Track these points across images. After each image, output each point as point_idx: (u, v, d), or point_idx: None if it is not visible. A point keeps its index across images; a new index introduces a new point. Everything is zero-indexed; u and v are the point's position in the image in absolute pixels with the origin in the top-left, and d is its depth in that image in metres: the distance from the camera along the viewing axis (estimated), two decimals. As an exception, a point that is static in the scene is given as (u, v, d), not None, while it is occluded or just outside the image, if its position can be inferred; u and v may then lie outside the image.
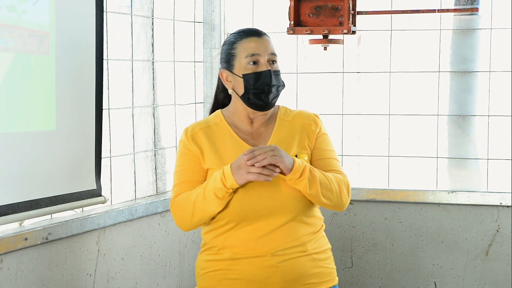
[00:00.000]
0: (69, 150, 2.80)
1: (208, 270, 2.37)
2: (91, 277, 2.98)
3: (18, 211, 2.59)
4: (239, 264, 2.31)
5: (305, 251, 2.32)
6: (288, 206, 2.30)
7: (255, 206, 2.28)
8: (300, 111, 2.46)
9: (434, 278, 3.61)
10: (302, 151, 2.36)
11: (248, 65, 2.34)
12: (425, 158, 3.66)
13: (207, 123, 2.42)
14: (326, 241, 2.43)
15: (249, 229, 2.30)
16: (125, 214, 3.13)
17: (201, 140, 2.37)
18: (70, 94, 2.79)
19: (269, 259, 2.29)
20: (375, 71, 3.72)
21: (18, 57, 2.55)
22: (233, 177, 2.21)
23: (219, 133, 2.39)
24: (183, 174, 2.37)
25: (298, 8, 3.46)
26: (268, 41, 2.37)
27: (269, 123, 2.41)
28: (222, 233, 2.33)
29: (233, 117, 2.41)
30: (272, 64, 2.36)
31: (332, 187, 2.30)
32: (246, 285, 2.31)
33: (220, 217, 2.32)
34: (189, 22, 3.75)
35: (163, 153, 3.56)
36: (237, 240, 2.31)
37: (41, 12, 2.62)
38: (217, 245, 2.35)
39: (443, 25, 3.60)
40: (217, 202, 2.26)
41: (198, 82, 3.82)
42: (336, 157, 2.42)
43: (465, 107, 3.64)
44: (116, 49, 3.21)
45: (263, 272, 2.29)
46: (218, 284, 2.34)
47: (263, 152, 2.18)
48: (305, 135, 2.39)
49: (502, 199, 3.49)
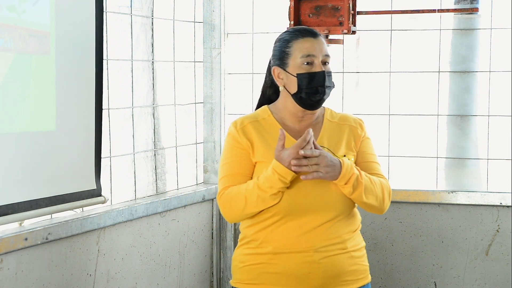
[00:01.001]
0: (69, 150, 2.80)
1: (248, 264, 2.40)
2: (91, 277, 2.98)
3: (18, 211, 2.59)
4: (280, 258, 2.34)
5: (345, 249, 2.37)
6: (335, 204, 2.34)
7: (303, 201, 2.31)
8: (346, 115, 2.51)
9: (434, 278, 3.61)
10: (349, 152, 2.40)
11: (303, 65, 2.37)
12: (425, 158, 3.66)
13: (255, 118, 2.45)
14: (361, 239, 2.48)
15: (293, 224, 2.33)
16: (125, 214, 3.13)
17: (251, 133, 2.40)
18: (70, 94, 2.79)
19: (311, 255, 2.32)
20: (375, 71, 3.72)
21: (18, 57, 2.55)
22: (289, 171, 2.23)
23: (268, 127, 2.42)
24: (231, 167, 2.40)
25: (298, 8, 3.46)
26: (323, 42, 2.40)
27: (317, 123, 2.45)
28: (265, 227, 2.36)
29: (281, 114, 2.45)
30: (325, 65, 2.39)
31: (377, 192, 2.36)
32: (286, 280, 2.34)
33: (266, 210, 2.34)
34: (189, 22, 3.75)
35: (163, 153, 3.56)
36: (280, 234, 2.34)
37: (41, 12, 2.62)
38: (258, 239, 2.37)
39: (443, 25, 3.60)
40: (274, 198, 2.29)
41: (198, 82, 3.82)
42: (378, 161, 2.48)
43: (465, 107, 3.64)
44: (116, 49, 3.21)
45: (304, 268, 2.32)
46: (257, 277, 2.37)
47: (308, 163, 2.21)
48: (351, 137, 2.44)
49: (502, 199, 3.49)
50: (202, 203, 3.70)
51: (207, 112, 3.85)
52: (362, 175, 2.32)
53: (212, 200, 3.78)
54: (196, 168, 3.82)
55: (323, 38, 2.42)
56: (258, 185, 2.29)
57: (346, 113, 2.54)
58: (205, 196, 3.70)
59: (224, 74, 3.87)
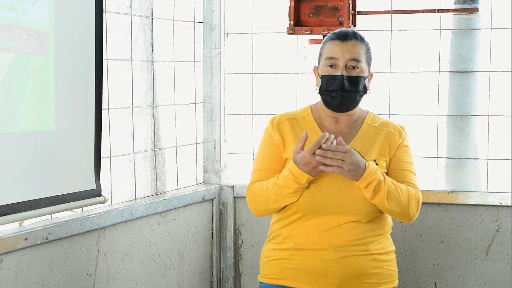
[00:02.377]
0: (68, 150, 2.80)
1: (271, 259, 2.44)
2: (91, 277, 2.98)
3: (18, 211, 2.59)
4: (301, 254, 2.37)
5: (367, 251, 2.37)
6: (357, 207, 2.34)
7: (324, 201, 2.33)
8: (388, 120, 2.52)
9: (434, 278, 3.61)
10: (381, 158, 2.41)
11: (326, 67, 2.40)
12: (425, 158, 3.66)
13: (295, 115, 2.49)
14: (390, 243, 2.47)
15: (315, 222, 2.35)
16: (125, 214, 3.13)
17: (285, 130, 2.44)
18: (70, 94, 2.79)
19: (330, 253, 2.34)
20: (375, 71, 3.71)
21: (18, 57, 2.54)
22: (303, 173, 2.25)
23: (305, 126, 2.45)
24: (262, 161, 2.46)
25: (298, 8, 3.46)
26: (353, 46, 2.39)
27: (355, 126, 2.46)
28: (289, 223, 2.40)
29: (319, 113, 2.49)
30: (352, 70, 2.38)
31: (402, 200, 2.34)
32: (306, 276, 2.36)
33: (289, 206, 2.38)
34: (189, 22, 3.75)
35: (162, 153, 3.56)
36: (302, 231, 2.37)
37: (40, 12, 2.62)
38: (282, 235, 2.41)
39: (442, 25, 3.60)
40: (291, 196, 2.33)
41: (198, 82, 3.82)
42: (413, 170, 2.47)
43: (465, 107, 3.64)
44: (115, 49, 3.21)
45: (323, 265, 2.35)
46: (279, 272, 2.41)
47: (333, 156, 2.21)
48: (387, 143, 2.44)
49: (502, 199, 3.48)
50: (202, 203, 3.71)
51: (207, 112, 3.85)
52: (387, 181, 2.31)
53: (212, 200, 3.78)
54: (196, 168, 3.83)
55: (356, 42, 2.40)
56: (276, 184, 2.33)
57: (389, 119, 2.54)
58: (205, 196, 3.70)
59: (224, 74, 3.87)
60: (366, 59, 2.43)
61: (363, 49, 2.42)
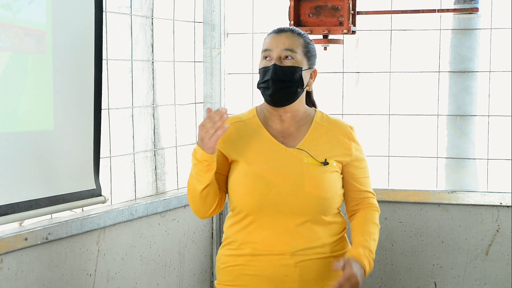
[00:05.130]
0: (67, 150, 2.80)
1: (228, 265, 2.38)
2: (91, 277, 2.98)
3: (18, 211, 2.59)
4: (258, 260, 2.32)
5: (325, 253, 2.34)
6: (309, 206, 2.31)
7: (275, 201, 2.29)
8: (337, 120, 2.47)
9: (434, 278, 3.61)
10: (332, 157, 2.36)
11: (263, 61, 2.37)
12: (425, 158, 3.66)
13: (241, 118, 2.44)
14: (347, 244, 2.45)
15: (270, 225, 2.31)
16: (125, 214, 3.13)
17: (230, 134, 2.36)
18: (68, 94, 2.78)
19: (288, 258, 2.30)
20: (375, 71, 3.72)
21: (14, 56, 2.54)
22: (198, 147, 2.22)
23: (251, 128, 2.40)
24: None
25: (298, 8, 3.46)
26: (287, 37, 2.34)
27: (303, 125, 2.41)
28: (243, 227, 2.35)
29: (264, 113, 2.43)
30: (286, 59, 2.33)
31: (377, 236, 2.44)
32: (264, 282, 2.32)
33: (240, 209, 2.34)
34: (189, 22, 3.75)
35: (162, 153, 3.56)
36: (258, 236, 2.32)
37: (37, 11, 2.61)
38: (238, 240, 2.36)
39: (442, 25, 3.60)
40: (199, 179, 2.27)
41: (198, 82, 3.82)
42: (367, 173, 2.47)
43: (464, 107, 3.64)
44: (115, 49, 3.21)
45: (281, 270, 2.31)
46: (236, 279, 2.36)
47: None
48: (338, 144, 2.40)
49: (502, 199, 3.48)
50: (202, 203, 3.70)
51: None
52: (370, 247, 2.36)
53: (212, 200, 3.78)
54: (196, 168, 3.82)
55: (290, 34, 2.36)
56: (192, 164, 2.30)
57: (338, 118, 2.50)
58: (205, 196, 3.70)
59: (224, 74, 3.87)
60: (304, 52, 2.36)
61: (299, 42, 2.36)
